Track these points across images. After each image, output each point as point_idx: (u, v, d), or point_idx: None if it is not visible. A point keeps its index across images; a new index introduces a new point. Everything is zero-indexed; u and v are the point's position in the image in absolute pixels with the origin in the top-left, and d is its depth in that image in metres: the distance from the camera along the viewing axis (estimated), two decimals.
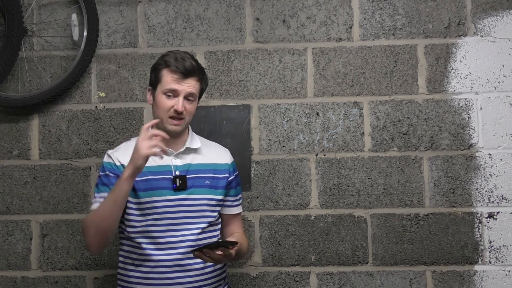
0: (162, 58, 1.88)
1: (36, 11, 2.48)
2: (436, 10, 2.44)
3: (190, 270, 1.84)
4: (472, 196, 2.38)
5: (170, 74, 1.83)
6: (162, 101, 1.84)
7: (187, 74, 1.83)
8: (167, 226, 1.83)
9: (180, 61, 1.82)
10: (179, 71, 1.82)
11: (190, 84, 1.84)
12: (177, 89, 1.82)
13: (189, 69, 1.82)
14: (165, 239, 1.82)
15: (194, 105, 1.89)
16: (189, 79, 1.83)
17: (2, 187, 2.44)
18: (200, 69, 1.89)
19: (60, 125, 2.45)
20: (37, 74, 2.47)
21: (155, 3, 2.48)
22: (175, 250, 1.82)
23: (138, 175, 1.77)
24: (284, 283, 2.39)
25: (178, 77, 1.82)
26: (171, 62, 1.83)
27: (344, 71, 2.44)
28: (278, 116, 2.43)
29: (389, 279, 2.37)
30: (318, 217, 2.40)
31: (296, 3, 2.46)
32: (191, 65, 1.83)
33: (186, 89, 1.83)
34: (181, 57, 1.84)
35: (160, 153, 1.71)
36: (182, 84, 1.83)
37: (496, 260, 2.36)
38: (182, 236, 1.83)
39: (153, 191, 1.83)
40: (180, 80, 1.82)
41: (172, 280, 1.82)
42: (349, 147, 2.41)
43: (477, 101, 2.41)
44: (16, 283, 2.42)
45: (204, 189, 1.88)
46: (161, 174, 1.86)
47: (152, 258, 1.82)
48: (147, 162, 1.72)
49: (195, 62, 1.86)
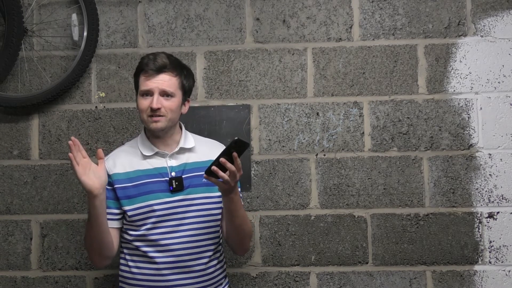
0: (139, 62, 1.88)
1: (36, 11, 2.48)
2: (436, 10, 2.44)
3: (192, 271, 1.84)
4: (472, 196, 2.38)
5: (143, 74, 1.84)
6: (139, 102, 1.84)
7: (158, 70, 1.82)
8: (167, 228, 1.83)
9: (152, 59, 1.82)
10: (149, 68, 1.82)
11: (164, 79, 1.82)
12: (150, 87, 1.82)
13: (159, 65, 1.81)
14: (165, 241, 1.82)
15: (174, 101, 1.84)
16: (161, 74, 1.82)
17: (2, 187, 2.44)
18: (176, 64, 1.86)
19: (60, 125, 2.45)
20: (37, 74, 2.47)
21: (155, 3, 2.48)
22: (177, 252, 1.82)
23: (134, 180, 1.83)
24: (284, 283, 2.39)
25: (149, 75, 1.82)
26: (143, 63, 1.84)
27: (344, 71, 2.44)
28: (278, 116, 2.43)
29: (389, 279, 2.37)
30: (318, 217, 2.40)
31: (296, 3, 2.46)
32: (162, 62, 1.82)
33: (159, 86, 1.81)
34: (154, 56, 1.84)
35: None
36: (154, 81, 1.82)
37: (496, 260, 2.36)
38: (182, 238, 1.83)
39: (149, 195, 1.83)
40: (151, 78, 1.82)
41: (175, 282, 1.82)
42: (349, 147, 2.41)
43: (477, 101, 2.41)
44: (16, 283, 2.42)
45: (201, 187, 1.87)
46: (157, 177, 1.85)
47: (154, 261, 1.82)
48: (140, 166, 1.84)
49: (169, 59, 1.84)
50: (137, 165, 1.86)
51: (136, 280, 1.85)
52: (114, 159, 1.88)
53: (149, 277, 1.83)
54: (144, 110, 1.83)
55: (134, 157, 1.88)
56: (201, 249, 1.86)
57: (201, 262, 1.85)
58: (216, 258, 1.92)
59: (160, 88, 1.82)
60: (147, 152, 1.88)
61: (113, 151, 1.95)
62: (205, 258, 1.87)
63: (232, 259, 2.39)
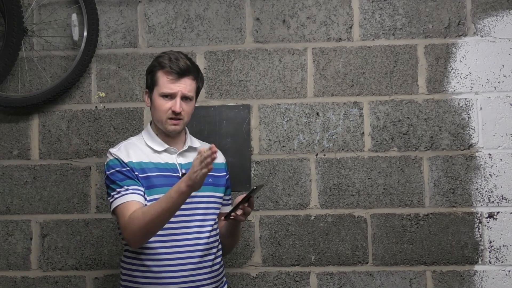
0: (156, 60, 1.89)
1: (36, 11, 2.48)
2: (436, 10, 2.44)
3: (200, 268, 1.84)
4: (472, 196, 2.38)
5: (165, 75, 1.84)
6: (160, 103, 1.85)
7: (182, 74, 1.84)
8: (176, 224, 1.82)
9: (174, 61, 1.83)
10: (173, 71, 1.83)
11: (186, 84, 1.85)
12: (174, 90, 1.83)
13: (183, 69, 1.83)
14: (173, 237, 1.82)
15: (192, 104, 1.90)
16: (184, 78, 1.84)
17: (2, 187, 2.44)
18: (195, 68, 1.90)
19: (60, 125, 2.45)
20: (37, 74, 2.47)
21: (155, 3, 2.48)
22: (185, 248, 1.82)
23: (146, 171, 1.83)
24: (284, 283, 2.39)
25: (173, 77, 1.83)
26: (165, 64, 1.84)
27: (344, 71, 2.44)
28: (278, 116, 2.43)
29: (389, 279, 2.37)
30: (318, 217, 2.40)
31: (296, 3, 2.46)
32: (186, 65, 1.84)
33: (182, 90, 1.84)
34: (175, 57, 1.85)
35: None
36: (178, 85, 1.84)
37: (496, 260, 2.36)
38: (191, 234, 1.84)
39: (162, 188, 1.81)
40: (175, 81, 1.84)
41: (182, 278, 1.81)
42: (349, 147, 2.41)
43: (477, 101, 2.41)
44: (16, 283, 2.42)
45: (208, 186, 1.89)
46: (169, 171, 1.86)
47: (162, 257, 1.81)
48: (152, 159, 1.86)
49: (189, 61, 1.87)
50: (150, 158, 1.87)
51: (143, 278, 1.83)
52: (127, 149, 1.88)
53: (157, 274, 1.81)
54: (165, 112, 1.84)
55: (145, 151, 1.89)
56: (208, 246, 1.87)
57: (208, 258, 1.86)
58: (219, 255, 1.94)
59: (183, 93, 1.84)
60: (158, 147, 1.89)
61: (121, 142, 1.93)
62: (212, 255, 1.88)
63: (232, 259, 2.39)
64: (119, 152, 1.86)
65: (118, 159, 1.84)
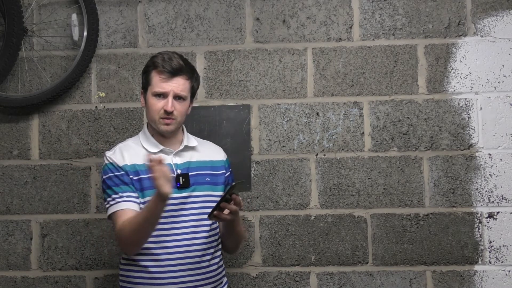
0: (151, 59, 1.90)
1: (36, 11, 2.48)
2: (436, 10, 2.44)
3: (197, 268, 1.84)
4: (472, 196, 2.38)
5: (158, 74, 1.85)
6: (152, 102, 1.86)
7: (174, 73, 1.84)
8: (172, 225, 1.83)
9: (167, 61, 1.84)
10: (166, 70, 1.83)
11: (178, 83, 1.85)
12: (166, 89, 1.83)
13: (176, 68, 1.83)
14: (170, 237, 1.82)
15: (185, 104, 1.89)
16: (177, 78, 1.84)
17: (2, 187, 2.44)
18: (189, 68, 1.90)
19: (60, 125, 2.45)
20: (37, 74, 2.47)
21: (155, 3, 2.48)
22: (182, 249, 1.82)
23: (140, 173, 1.83)
24: (284, 283, 2.39)
25: (165, 77, 1.84)
26: (158, 63, 1.84)
27: (344, 71, 2.44)
28: (278, 116, 2.43)
29: (389, 279, 2.37)
30: (318, 217, 2.40)
31: (296, 3, 2.46)
32: (178, 64, 1.84)
33: (174, 89, 1.84)
34: (169, 57, 1.85)
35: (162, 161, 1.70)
36: (170, 84, 1.84)
37: (496, 260, 2.36)
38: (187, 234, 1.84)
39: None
40: (167, 80, 1.84)
41: (179, 279, 1.82)
42: (349, 147, 2.41)
43: (477, 101, 2.41)
44: (16, 283, 2.42)
45: (205, 185, 1.89)
46: None
47: (159, 258, 1.82)
48: (146, 161, 1.78)
49: (183, 61, 1.87)
50: (143, 160, 1.86)
51: (139, 279, 1.84)
52: (122, 152, 1.89)
53: (153, 274, 1.82)
54: (157, 111, 1.85)
55: (140, 152, 1.89)
56: (205, 246, 1.87)
57: (205, 259, 1.86)
58: (217, 256, 1.94)
59: (175, 92, 1.84)
60: (152, 148, 1.89)
61: (117, 145, 1.95)
62: (208, 255, 1.88)
63: (232, 259, 2.39)
64: (114, 155, 1.88)
65: (113, 163, 1.86)
